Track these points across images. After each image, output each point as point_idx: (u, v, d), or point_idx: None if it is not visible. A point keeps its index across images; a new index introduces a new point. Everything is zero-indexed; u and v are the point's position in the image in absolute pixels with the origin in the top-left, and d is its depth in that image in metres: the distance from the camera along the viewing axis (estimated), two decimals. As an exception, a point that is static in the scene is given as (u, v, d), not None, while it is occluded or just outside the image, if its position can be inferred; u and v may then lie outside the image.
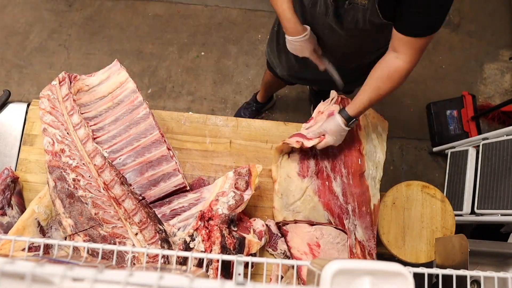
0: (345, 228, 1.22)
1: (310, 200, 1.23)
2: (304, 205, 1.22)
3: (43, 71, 2.47)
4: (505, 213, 1.74)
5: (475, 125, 2.35)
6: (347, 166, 1.29)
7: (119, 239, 1.07)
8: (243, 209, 1.13)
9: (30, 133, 1.28)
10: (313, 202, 1.23)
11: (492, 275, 0.66)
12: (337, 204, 1.25)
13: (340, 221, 1.23)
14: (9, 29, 2.54)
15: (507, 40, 2.67)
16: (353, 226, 1.23)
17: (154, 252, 0.68)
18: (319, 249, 1.19)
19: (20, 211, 1.15)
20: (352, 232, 1.22)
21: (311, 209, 1.22)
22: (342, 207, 1.25)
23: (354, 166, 1.29)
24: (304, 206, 1.22)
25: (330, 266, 0.51)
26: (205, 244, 1.04)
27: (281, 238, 1.21)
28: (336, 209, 1.24)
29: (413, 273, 0.61)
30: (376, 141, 1.35)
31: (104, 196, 1.12)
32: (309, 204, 1.22)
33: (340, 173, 1.28)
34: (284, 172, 1.25)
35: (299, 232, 1.20)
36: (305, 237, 1.19)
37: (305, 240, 1.19)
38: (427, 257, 1.51)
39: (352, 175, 1.28)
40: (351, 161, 1.29)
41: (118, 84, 1.29)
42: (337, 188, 1.26)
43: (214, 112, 2.42)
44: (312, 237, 1.19)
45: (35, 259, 0.62)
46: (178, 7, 2.65)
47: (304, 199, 1.23)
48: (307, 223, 1.21)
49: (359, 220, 1.25)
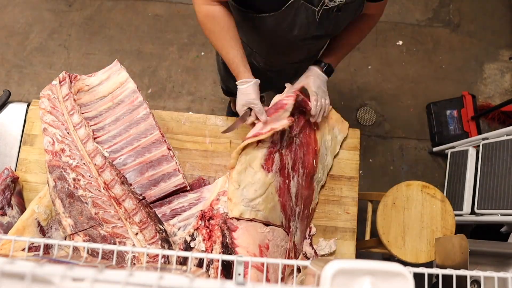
0: (290, 231, 1.13)
1: (271, 199, 1.08)
2: (266, 203, 1.07)
3: (43, 71, 2.47)
4: (505, 213, 1.74)
5: (475, 125, 2.35)
6: (304, 166, 1.19)
7: (119, 239, 1.07)
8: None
9: (30, 133, 1.28)
10: (273, 201, 1.09)
11: (492, 275, 0.66)
12: (289, 206, 1.14)
13: (287, 224, 1.13)
14: (9, 29, 2.54)
15: (507, 40, 2.67)
16: (295, 229, 1.15)
17: (154, 252, 0.68)
18: (268, 251, 1.06)
19: (20, 211, 1.15)
20: (293, 235, 1.14)
21: (271, 208, 1.08)
22: (293, 209, 1.15)
23: (309, 167, 1.20)
24: (265, 204, 1.07)
25: (330, 266, 0.51)
26: (206, 243, 1.04)
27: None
28: (288, 211, 1.13)
29: (413, 273, 0.61)
30: (329, 143, 1.28)
31: (104, 196, 1.12)
32: (269, 203, 1.08)
33: (298, 173, 1.17)
34: (246, 160, 1.07)
35: (252, 231, 1.05)
36: (257, 238, 1.05)
37: (257, 241, 1.05)
38: (427, 257, 1.52)
39: (305, 176, 1.19)
40: (308, 161, 1.20)
41: (118, 84, 1.29)
42: (293, 189, 1.15)
43: (214, 112, 2.42)
44: (264, 239, 1.07)
45: (35, 259, 0.62)
46: (178, 7, 2.65)
47: (266, 196, 1.07)
48: (263, 223, 1.08)
49: (300, 223, 1.18)
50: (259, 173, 1.07)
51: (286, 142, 1.15)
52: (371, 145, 2.41)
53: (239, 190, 1.05)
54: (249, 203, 1.05)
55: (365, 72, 2.52)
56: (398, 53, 2.56)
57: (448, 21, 2.68)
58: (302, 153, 1.19)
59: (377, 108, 2.48)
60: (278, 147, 1.12)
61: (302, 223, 1.20)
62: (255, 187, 1.06)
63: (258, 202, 1.06)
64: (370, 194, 1.77)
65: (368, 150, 2.39)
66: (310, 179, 1.22)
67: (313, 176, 1.23)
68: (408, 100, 2.51)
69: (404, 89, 2.52)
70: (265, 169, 1.08)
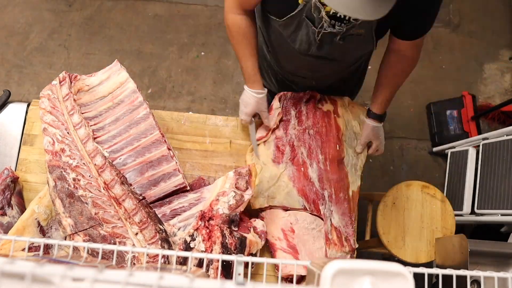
0: (320, 214, 1.23)
1: (284, 186, 1.23)
2: (279, 190, 1.22)
3: (43, 71, 2.47)
4: (505, 213, 1.74)
5: (475, 125, 2.35)
6: (324, 152, 1.29)
7: (119, 239, 1.07)
8: (243, 209, 1.13)
9: (30, 133, 1.28)
10: (287, 188, 1.23)
11: (492, 275, 0.66)
12: (312, 190, 1.24)
13: (315, 207, 1.23)
14: (9, 29, 2.54)
15: (507, 40, 2.67)
16: (329, 212, 1.24)
17: (154, 252, 0.68)
18: (293, 234, 1.20)
19: (20, 211, 1.15)
20: (328, 218, 1.23)
21: (285, 194, 1.22)
22: (318, 193, 1.24)
23: (332, 153, 1.29)
24: (279, 191, 1.22)
25: (330, 266, 0.51)
26: (206, 244, 1.04)
27: None
28: (311, 195, 1.24)
29: (413, 273, 0.61)
30: (357, 128, 1.35)
31: (104, 196, 1.12)
32: (283, 190, 1.23)
33: (317, 159, 1.28)
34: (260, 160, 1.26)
35: (274, 217, 1.21)
36: (279, 223, 1.20)
37: (279, 225, 1.20)
38: (427, 257, 1.52)
39: (329, 161, 1.28)
40: (329, 147, 1.29)
41: (118, 84, 1.29)
42: (312, 174, 1.26)
43: (214, 112, 2.42)
44: (286, 223, 1.21)
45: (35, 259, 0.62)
46: (178, 7, 2.65)
47: (278, 184, 1.23)
48: (281, 208, 1.22)
49: (336, 206, 1.25)
50: (270, 167, 1.24)
51: (295, 135, 1.28)
52: (371, 145, 2.41)
53: (257, 187, 1.22)
54: (264, 193, 1.22)
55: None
56: (398, 53, 2.55)
57: (448, 21, 2.68)
58: (320, 141, 1.30)
59: (377, 108, 2.48)
60: (286, 140, 1.27)
61: (339, 206, 1.26)
62: (267, 179, 1.23)
63: (271, 190, 1.22)
64: (370, 194, 1.77)
65: (368, 150, 2.39)
66: (337, 163, 1.29)
67: (341, 160, 1.30)
68: (408, 100, 2.51)
69: (404, 89, 2.51)
70: (275, 161, 1.25)
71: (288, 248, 1.17)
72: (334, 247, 1.19)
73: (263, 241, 1.13)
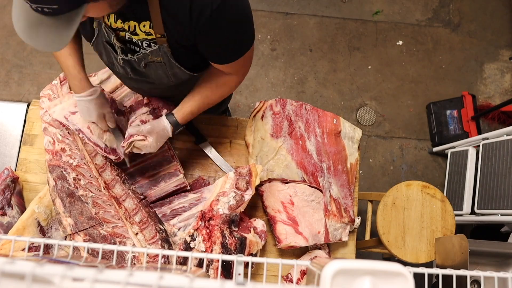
0: (319, 186, 1.24)
1: (283, 159, 1.25)
2: (278, 163, 1.24)
3: (43, 71, 2.47)
4: (505, 213, 1.74)
5: (475, 125, 2.35)
6: (321, 126, 1.32)
7: (120, 239, 1.07)
8: (244, 209, 1.13)
9: (30, 133, 1.28)
10: (286, 160, 1.25)
11: (492, 275, 0.66)
12: (310, 163, 1.26)
13: (314, 179, 1.25)
14: (9, 29, 2.54)
15: (507, 40, 2.67)
16: (328, 183, 1.25)
17: (154, 252, 0.68)
18: (293, 206, 1.21)
19: (20, 211, 1.15)
20: (327, 189, 1.24)
21: (284, 167, 1.24)
22: (316, 165, 1.26)
23: (329, 126, 1.33)
24: (278, 164, 1.24)
25: (330, 266, 0.51)
26: (206, 244, 1.04)
27: None
28: (309, 167, 1.26)
29: (413, 273, 0.61)
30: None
31: (105, 196, 1.12)
32: (282, 162, 1.25)
33: (314, 133, 1.30)
34: (258, 135, 1.27)
35: (273, 190, 1.23)
36: (278, 195, 1.22)
37: (278, 198, 1.21)
38: (427, 257, 1.52)
39: (327, 135, 1.32)
40: (326, 121, 1.33)
41: (118, 84, 1.29)
42: (311, 147, 1.28)
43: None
44: (286, 195, 1.22)
45: (35, 259, 0.62)
46: (178, 7, 2.64)
47: (277, 158, 1.25)
48: (280, 181, 1.24)
49: (335, 178, 1.27)
50: (269, 142, 1.26)
51: (292, 110, 1.30)
52: (371, 145, 2.41)
53: (256, 161, 1.24)
54: (264, 167, 1.23)
55: (365, 72, 2.52)
56: (398, 53, 2.56)
57: (448, 21, 2.68)
58: (317, 115, 1.33)
59: (377, 108, 2.48)
60: (284, 115, 1.30)
61: (338, 178, 1.28)
62: (266, 153, 1.25)
63: (270, 164, 1.24)
64: (370, 194, 1.77)
65: (368, 150, 2.39)
66: (334, 136, 1.32)
67: (338, 134, 1.33)
68: (408, 100, 2.51)
69: (404, 89, 2.52)
70: (274, 136, 1.27)
71: (288, 220, 1.19)
72: (333, 218, 1.21)
73: (263, 241, 1.13)
